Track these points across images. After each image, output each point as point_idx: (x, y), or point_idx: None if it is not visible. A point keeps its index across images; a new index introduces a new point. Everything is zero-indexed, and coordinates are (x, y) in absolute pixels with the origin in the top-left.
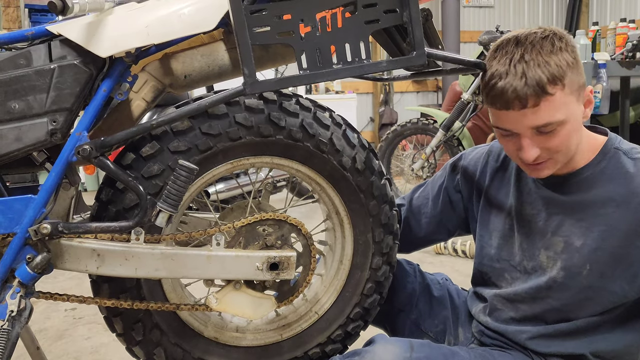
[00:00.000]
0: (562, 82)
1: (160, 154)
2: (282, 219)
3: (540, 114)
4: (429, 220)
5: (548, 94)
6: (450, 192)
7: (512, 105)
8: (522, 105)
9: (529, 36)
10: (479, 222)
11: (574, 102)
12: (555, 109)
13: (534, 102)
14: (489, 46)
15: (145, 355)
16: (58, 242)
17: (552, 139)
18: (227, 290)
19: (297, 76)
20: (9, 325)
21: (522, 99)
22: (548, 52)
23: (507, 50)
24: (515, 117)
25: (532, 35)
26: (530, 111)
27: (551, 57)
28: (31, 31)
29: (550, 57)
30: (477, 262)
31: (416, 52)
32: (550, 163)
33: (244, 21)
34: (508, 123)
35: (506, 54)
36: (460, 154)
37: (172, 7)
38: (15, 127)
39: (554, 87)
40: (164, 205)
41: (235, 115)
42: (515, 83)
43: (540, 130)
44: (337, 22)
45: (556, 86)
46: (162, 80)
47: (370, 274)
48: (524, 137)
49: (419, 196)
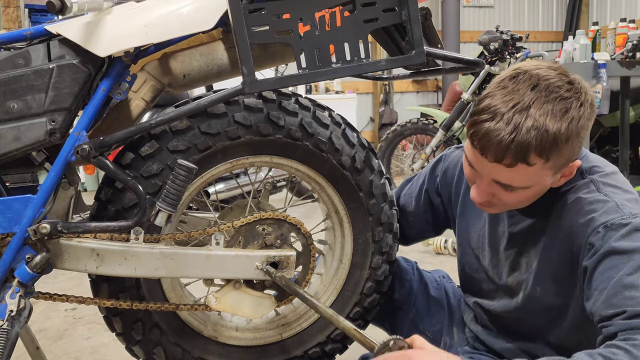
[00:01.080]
0: (548, 156)
1: (159, 153)
2: (282, 218)
3: (509, 174)
4: (415, 220)
5: (527, 163)
6: (431, 194)
7: (487, 152)
8: (497, 159)
9: (550, 85)
10: (457, 228)
11: (549, 175)
12: (525, 177)
13: (510, 162)
14: (489, 46)
15: (145, 354)
16: (57, 241)
17: (508, 195)
18: (227, 290)
19: (296, 75)
20: (8, 325)
21: (500, 154)
22: (557, 115)
23: (519, 88)
24: (484, 162)
25: (554, 84)
26: (501, 167)
27: (556, 123)
28: (30, 31)
29: (554, 122)
30: (460, 268)
31: (415, 51)
32: (498, 207)
33: (242, 20)
34: (476, 161)
35: (515, 93)
36: (442, 155)
37: (170, 6)
38: (14, 127)
39: (537, 159)
40: (163, 205)
41: (234, 115)
42: (502, 134)
43: (500, 184)
44: (336, 21)
45: (540, 158)
46: (161, 79)
47: (370, 273)
48: (482, 180)
49: (405, 194)
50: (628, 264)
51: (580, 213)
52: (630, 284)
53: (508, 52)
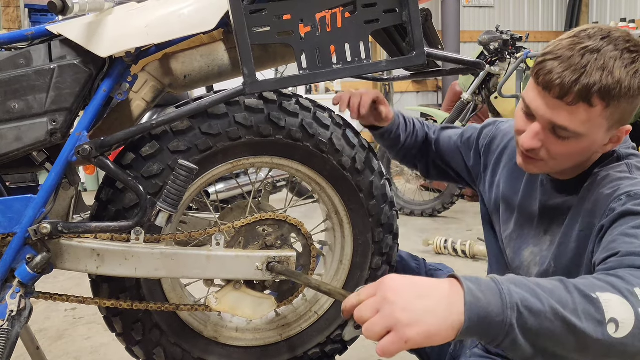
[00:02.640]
0: (609, 102)
1: (160, 154)
2: (282, 219)
3: (568, 115)
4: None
5: (589, 103)
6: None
7: (551, 88)
8: (561, 95)
9: (620, 38)
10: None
11: (603, 128)
12: (583, 121)
13: (572, 99)
14: (489, 46)
15: (145, 355)
16: (58, 242)
17: (558, 144)
18: (227, 291)
19: (296, 76)
20: (8, 325)
21: (564, 90)
22: (624, 63)
23: (590, 36)
24: (545, 102)
25: (624, 38)
26: (562, 105)
27: (623, 70)
28: (31, 31)
29: (621, 69)
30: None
31: (416, 52)
32: (541, 164)
33: (243, 21)
34: (536, 102)
35: (584, 39)
36: (494, 120)
37: (171, 7)
38: (15, 127)
39: (598, 101)
40: (163, 205)
41: (235, 115)
42: (569, 70)
43: (554, 129)
44: (337, 22)
45: (602, 102)
46: (162, 80)
47: (370, 274)
48: (535, 125)
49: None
50: (637, 220)
51: (606, 187)
52: (632, 234)
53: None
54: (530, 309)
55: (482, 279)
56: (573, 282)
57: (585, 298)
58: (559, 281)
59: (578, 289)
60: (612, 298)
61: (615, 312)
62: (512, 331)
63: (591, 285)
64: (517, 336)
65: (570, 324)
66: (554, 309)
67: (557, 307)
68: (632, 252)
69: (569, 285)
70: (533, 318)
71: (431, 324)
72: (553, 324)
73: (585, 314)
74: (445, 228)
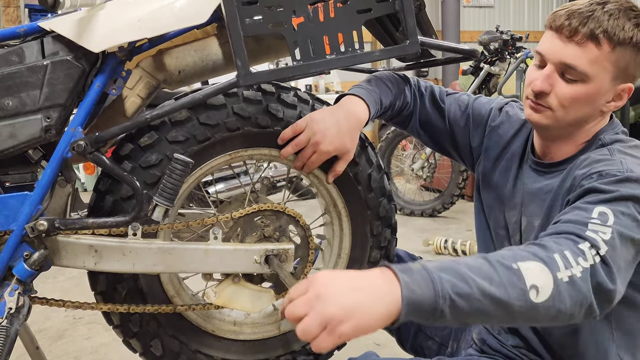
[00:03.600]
0: (615, 44)
1: (159, 144)
2: (280, 210)
3: (576, 53)
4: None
5: (597, 42)
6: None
7: (562, 29)
8: (570, 34)
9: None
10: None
11: (609, 75)
12: (591, 61)
13: (581, 38)
14: (489, 46)
15: (142, 347)
16: (55, 238)
17: (566, 87)
18: (226, 284)
19: (290, 67)
20: (7, 323)
21: (574, 30)
22: (628, 17)
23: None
24: (555, 44)
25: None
26: (573, 45)
27: (627, 22)
28: (23, 28)
29: (627, 20)
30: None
31: (409, 41)
32: (548, 114)
33: (235, 13)
34: (547, 45)
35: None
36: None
37: (164, 1)
38: (9, 124)
39: (605, 42)
40: (160, 200)
41: (233, 106)
42: (577, 14)
43: (565, 70)
44: (330, 12)
45: (609, 43)
46: (156, 76)
47: (369, 267)
48: (546, 68)
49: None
50: (597, 196)
51: (583, 168)
52: (583, 207)
53: (508, 52)
54: (461, 294)
55: (415, 269)
56: (497, 255)
57: (508, 270)
58: (483, 258)
59: (500, 263)
60: (531, 266)
61: (535, 279)
62: (442, 316)
63: (513, 256)
64: (447, 319)
65: (496, 299)
66: (481, 288)
67: (484, 285)
68: (569, 219)
69: (492, 260)
70: (463, 302)
71: (365, 317)
72: (481, 303)
73: (509, 284)
74: (445, 228)
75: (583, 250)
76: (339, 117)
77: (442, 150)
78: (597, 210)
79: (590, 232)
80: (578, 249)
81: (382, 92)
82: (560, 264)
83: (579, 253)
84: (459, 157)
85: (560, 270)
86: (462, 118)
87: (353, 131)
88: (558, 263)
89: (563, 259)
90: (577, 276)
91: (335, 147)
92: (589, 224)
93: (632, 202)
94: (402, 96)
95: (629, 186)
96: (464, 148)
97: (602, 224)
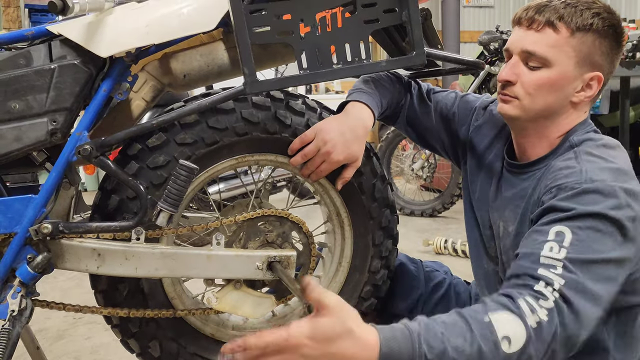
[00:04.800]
0: (573, 29)
1: (167, 146)
2: (284, 215)
3: (536, 39)
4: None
5: (554, 28)
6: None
7: (522, 21)
8: (529, 23)
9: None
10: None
11: (572, 60)
12: (550, 45)
13: (538, 26)
14: (489, 46)
15: (140, 347)
16: (58, 241)
17: (529, 74)
18: (228, 290)
19: (297, 76)
20: (10, 325)
21: (531, 19)
22: (586, 6)
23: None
24: (517, 35)
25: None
26: (531, 33)
27: (585, 11)
28: (31, 31)
29: (583, 8)
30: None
31: (416, 52)
32: (516, 103)
33: (243, 21)
34: (511, 38)
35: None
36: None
37: (172, 7)
38: (15, 127)
39: (563, 27)
40: (164, 205)
41: (242, 111)
42: (535, 6)
43: (527, 58)
44: (337, 22)
45: (567, 28)
46: (162, 79)
47: (369, 277)
48: (512, 59)
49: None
50: (554, 215)
51: (548, 178)
52: (541, 230)
53: None
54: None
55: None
56: (471, 310)
57: (480, 324)
58: (457, 314)
59: (474, 318)
60: (501, 317)
61: (506, 329)
62: None
63: (485, 309)
64: None
65: (469, 356)
66: (455, 347)
67: (458, 344)
68: (524, 254)
69: (467, 316)
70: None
71: None
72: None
73: (482, 338)
74: (445, 228)
75: (540, 291)
76: (348, 126)
77: (429, 146)
78: (554, 230)
79: (543, 269)
80: (535, 292)
81: (381, 94)
82: (526, 310)
83: (539, 295)
84: (445, 154)
85: (527, 316)
86: (449, 115)
87: (361, 138)
88: (524, 309)
89: (527, 304)
90: (544, 320)
91: (345, 156)
92: (541, 257)
93: (590, 219)
94: (397, 96)
95: (585, 200)
96: (450, 145)
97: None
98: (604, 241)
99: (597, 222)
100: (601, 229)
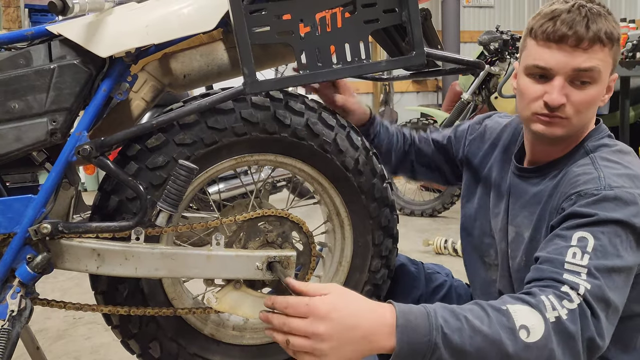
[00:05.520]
0: (612, 44)
1: (166, 146)
2: (284, 215)
3: (589, 57)
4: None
5: (603, 43)
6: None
7: (566, 40)
8: (577, 42)
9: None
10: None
11: (609, 70)
12: (601, 59)
13: (589, 44)
14: (489, 46)
15: (140, 348)
16: (58, 241)
17: (580, 93)
18: (227, 290)
19: (297, 76)
20: (9, 325)
21: (580, 37)
22: (606, 15)
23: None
24: (562, 55)
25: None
26: (581, 52)
27: (609, 19)
28: (31, 31)
29: (607, 18)
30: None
31: (415, 52)
32: (565, 122)
33: (243, 21)
34: (552, 60)
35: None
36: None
37: (171, 7)
38: (15, 127)
39: (607, 42)
40: (164, 205)
41: (241, 111)
42: (577, 20)
43: (578, 76)
44: (337, 22)
45: (609, 42)
46: (162, 80)
47: (369, 276)
48: (557, 80)
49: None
50: (575, 221)
51: (567, 185)
52: (563, 235)
53: (508, 52)
54: (453, 328)
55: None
56: (487, 302)
57: (498, 311)
58: (474, 303)
59: (491, 306)
60: (520, 308)
61: (524, 320)
62: (437, 349)
63: (502, 301)
64: (442, 354)
65: (487, 336)
66: (472, 325)
67: (475, 323)
68: (547, 258)
69: (484, 304)
70: (456, 335)
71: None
72: (473, 339)
73: (499, 324)
74: (445, 228)
75: (566, 292)
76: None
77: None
78: (577, 235)
79: (568, 274)
80: (560, 292)
81: None
82: (547, 305)
83: (564, 296)
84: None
85: (546, 311)
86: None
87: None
88: (545, 304)
89: (549, 301)
90: (564, 318)
91: None
92: (565, 263)
93: (612, 225)
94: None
95: (607, 207)
96: (453, 169)
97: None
98: (624, 248)
99: (619, 228)
100: (621, 235)
